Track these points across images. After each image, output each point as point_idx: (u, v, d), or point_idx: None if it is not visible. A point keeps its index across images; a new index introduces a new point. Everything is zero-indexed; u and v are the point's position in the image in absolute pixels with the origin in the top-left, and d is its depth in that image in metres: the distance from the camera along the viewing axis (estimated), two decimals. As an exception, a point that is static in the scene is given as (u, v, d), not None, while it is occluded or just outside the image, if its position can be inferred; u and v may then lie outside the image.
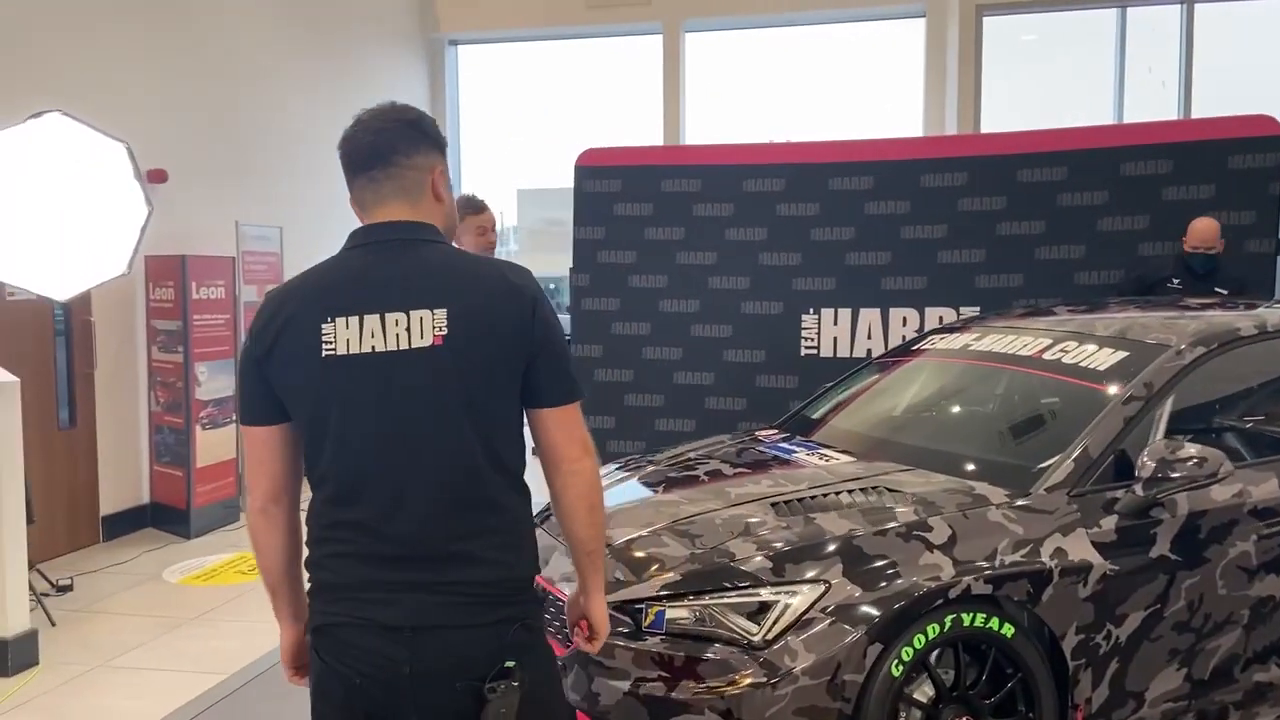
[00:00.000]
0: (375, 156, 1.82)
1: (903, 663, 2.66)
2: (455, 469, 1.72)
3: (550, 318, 1.78)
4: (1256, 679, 3.15)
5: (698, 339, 6.75)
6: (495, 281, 1.76)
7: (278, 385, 1.76)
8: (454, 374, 1.70)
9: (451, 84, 10.95)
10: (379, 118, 1.86)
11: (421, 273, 1.75)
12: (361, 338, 1.71)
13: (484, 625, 1.72)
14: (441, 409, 1.71)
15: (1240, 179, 5.77)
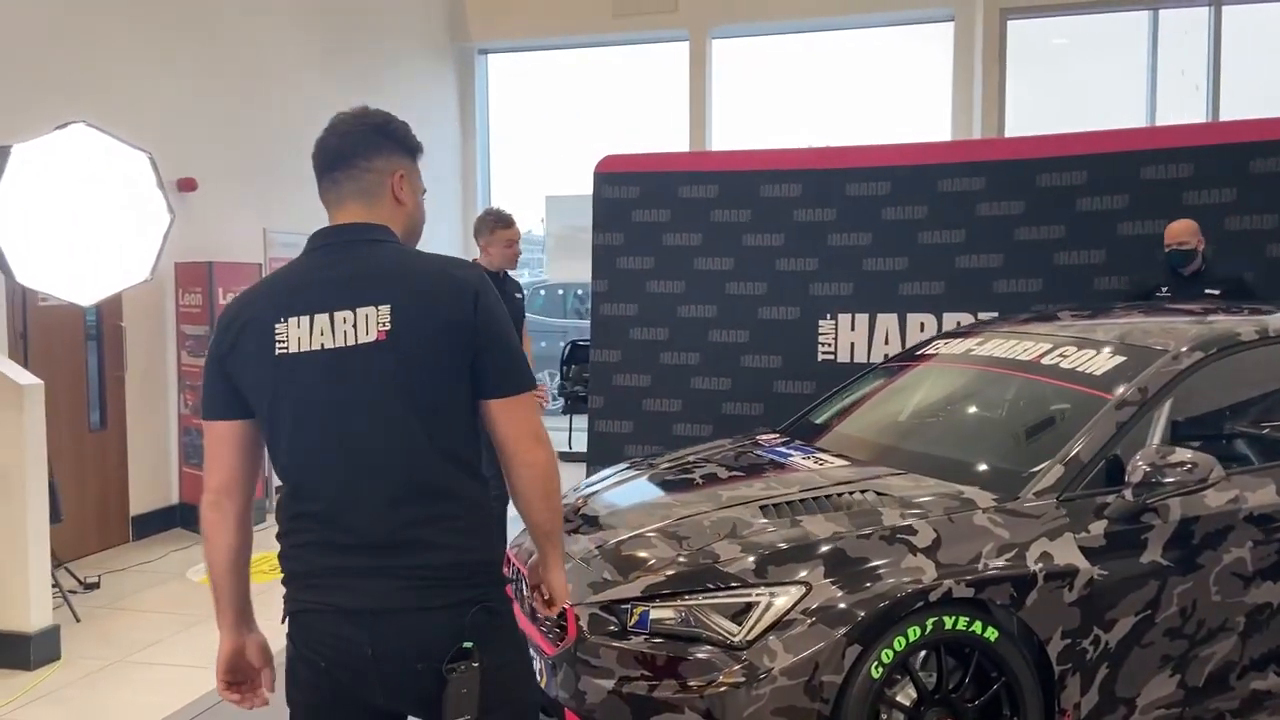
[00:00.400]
0: (338, 158, 1.91)
1: (882, 664, 2.67)
2: (403, 460, 1.78)
3: (494, 309, 1.82)
4: (1254, 687, 3.11)
5: (715, 344, 6.78)
6: (437, 276, 1.82)
7: (239, 383, 1.84)
8: (397, 368, 1.76)
9: (481, 92, 11.09)
10: (346, 121, 1.95)
11: (367, 272, 1.82)
12: (311, 336, 1.78)
13: (441, 608, 1.78)
14: (387, 403, 1.77)
15: (1261, 182, 5.69)
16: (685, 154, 8.00)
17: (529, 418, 1.85)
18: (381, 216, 1.91)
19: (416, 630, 1.77)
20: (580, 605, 2.94)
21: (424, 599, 1.77)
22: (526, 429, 1.84)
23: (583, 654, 2.88)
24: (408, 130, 2.00)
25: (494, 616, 1.83)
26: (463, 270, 1.86)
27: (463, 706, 1.76)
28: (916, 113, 10.12)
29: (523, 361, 1.87)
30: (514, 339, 1.88)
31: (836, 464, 3.51)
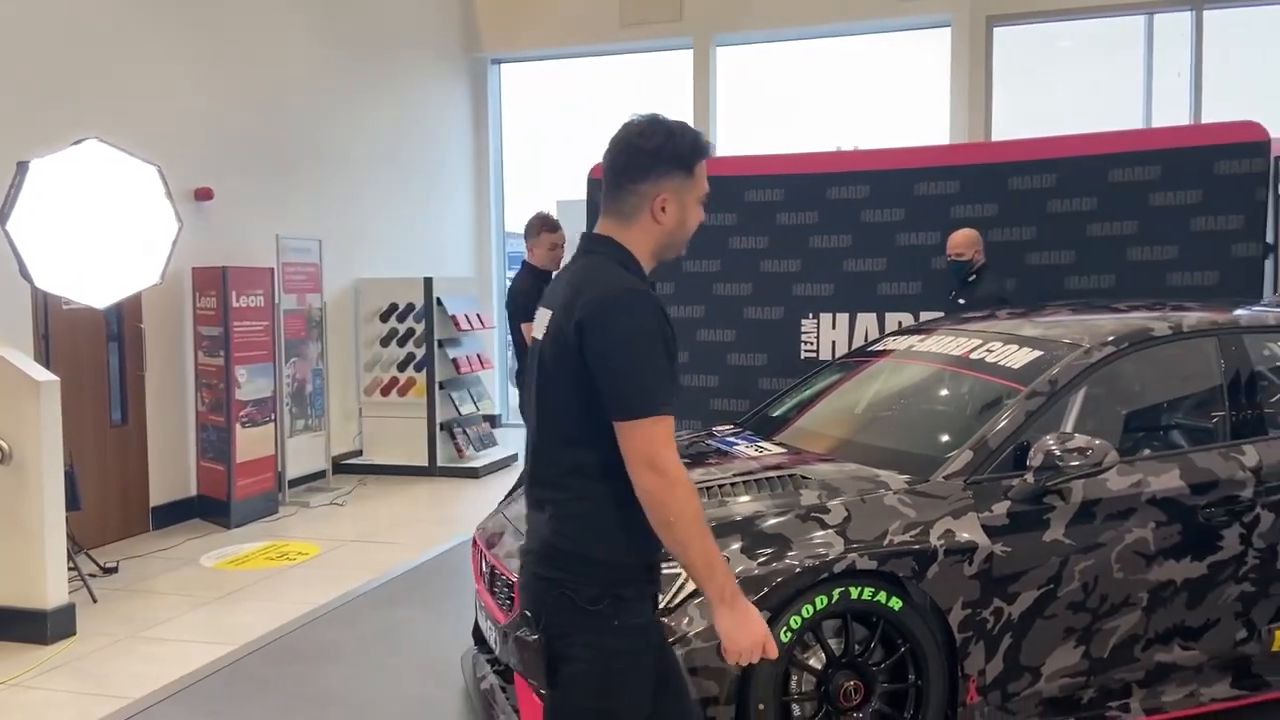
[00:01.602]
0: (610, 177, 2.07)
1: (791, 630, 2.93)
2: (536, 443, 2.06)
3: (614, 331, 1.88)
4: (1158, 659, 3.33)
5: (703, 343, 7.04)
6: (582, 290, 1.95)
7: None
8: (543, 367, 2.02)
9: (494, 101, 11.42)
10: (628, 138, 2.05)
11: (563, 279, 2.08)
12: (539, 324, 2.10)
13: (534, 575, 2.05)
14: (539, 394, 2.04)
15: (1227, 184, 5.85)
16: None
17: (640, 442, 1.87)
18: (630, 232, 2.04)
19: (523, 589, 2.10)
20: (527, 578, 3.23)
21: (532, 565, 2.06)
22: (638, 453, 1.87)
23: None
24: (689, 142, 2.05)
25: (575, 606, 1.95)
26: (608, 288, 1.92)
27: (527, 668, 2.04)
28: (919, 116, 10.30)
29: (636, 384, 1.87)
30: (631, 363, 1.89)
31: (774, 452, 3.77)
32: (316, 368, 8.02)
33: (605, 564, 1.96)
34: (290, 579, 5.69)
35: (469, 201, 11.20)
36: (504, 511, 3.86)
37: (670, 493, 1.87)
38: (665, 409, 1.88)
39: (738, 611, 1.94)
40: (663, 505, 1.88)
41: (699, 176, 2.08)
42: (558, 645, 1.97)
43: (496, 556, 3.48)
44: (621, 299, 1.91)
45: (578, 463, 1.96)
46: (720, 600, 1.94)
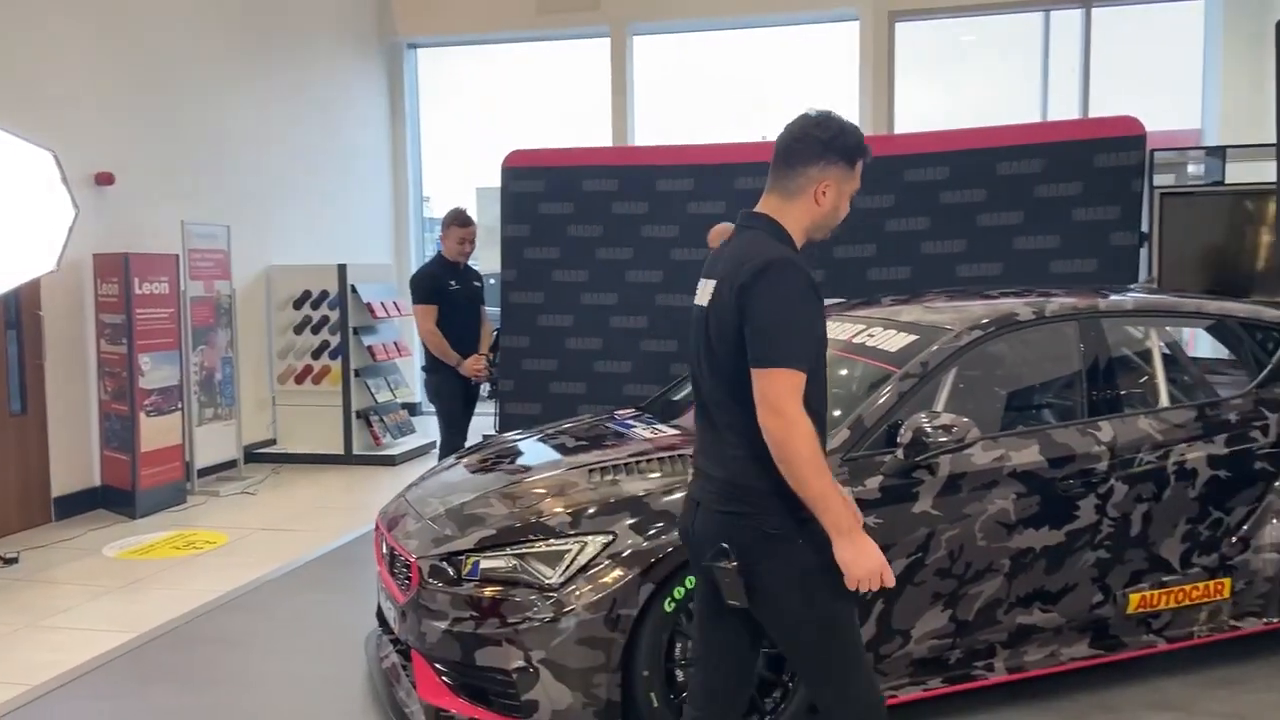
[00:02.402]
0: (783, 158, 2.35)
1: (675, 600, 3.08)
2: (709, 399, 2.35)
3: (763, 292, 2.18)
4: (1020, 621, 3.57)
5: (617, 330, 7.18)
6: (742, 261, 2.24)
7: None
8: (707, 329, 2.31)
9: (410, 86, 11.36)
10: (803, 127, 2.34)
11: (725, 253, 2.37)
12: (697, 294, 2.41)
13: (718, 512, 2.30)
14: (701, 352, 2.35)
15: (1105, 176, 6.18)
16: (587, 149, 8.38)
17: (770, 389, 2.16)
18: (790, 210, 2.34)
19: (704, 525, 2.35)
20: (423, 558, 3.33)
21: (713, 503, 2.32)
22: (768, 398, 2.16)
23: (424, 600, 3.27)
24: (855, 141, 2.35)
25: (766, 536, 2.23)
26: (753, 261, 2.21)
27: (730, 593, 2.25)
28: (831, 108, 10.54)
29: (772, 338, 2.17)
30: (774, 319, 2.19)
31: (669, 434, 3.92)
32: (226, 355, 7.95)
33: (782, 494, 2.21)
34: (196, 567, 5.68)
35: (386, 188, 11.14)
36: (405, 496, 3.94)
37: (788, 433, 2.15)
38: (795, 364, 2.17)
39: (856, 543, 2.19)
40: (782, 445, 2.16)
41: (856, 172, 2.39)
42: (755, 569, 2.23)
43: (396, 538, 3.57)
44: (774, 265, 2.20)
45: (747, 409, 2.21)
46: (839, 532, 2.18)
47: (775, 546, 2.23)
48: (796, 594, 2.24)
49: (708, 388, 2.35)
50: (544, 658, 3.03)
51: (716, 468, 2.33)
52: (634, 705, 3.07)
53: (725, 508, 2.28)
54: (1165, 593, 3.75)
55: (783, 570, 2.23)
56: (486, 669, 3.11)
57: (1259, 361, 4.20)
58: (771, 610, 2.26)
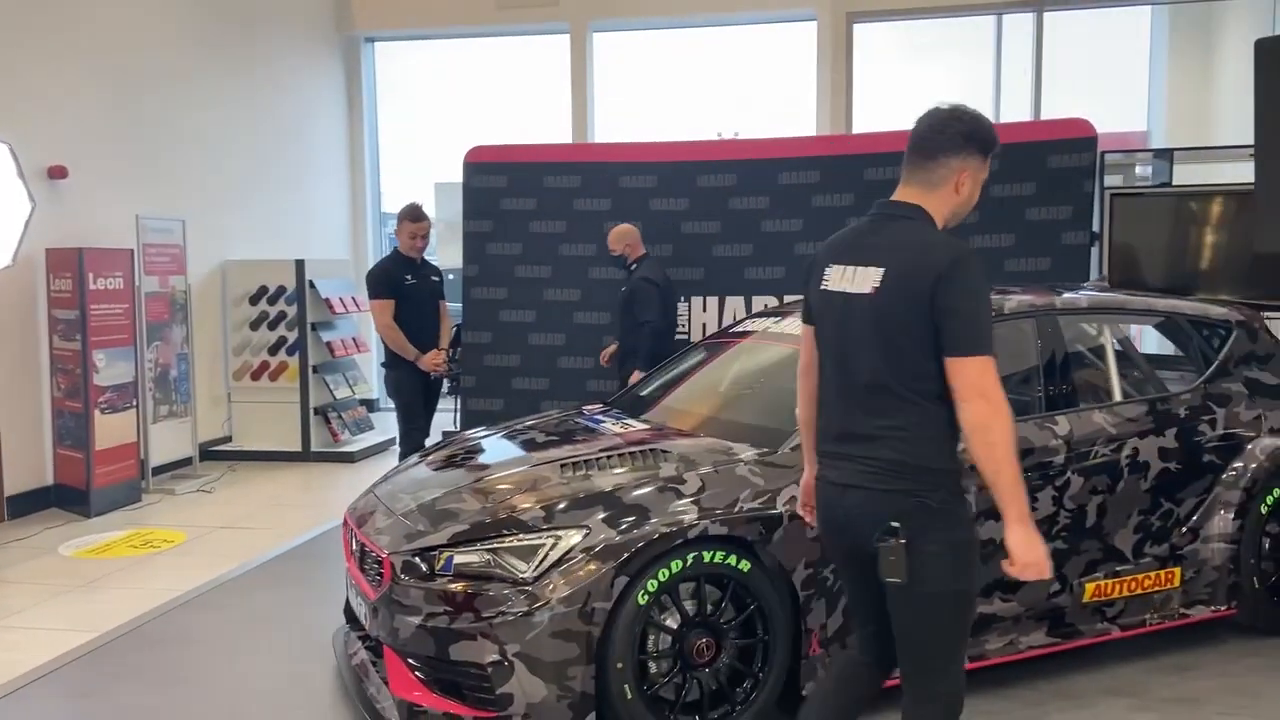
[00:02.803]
0: (923, 149, 2.44)
1: (649, 593, 3.13)
2: (870, 381, 2.38)
3: (964, 283, 2.26)
4: (981, 610, 3.65)
5: (580, 325, 7.22)
6: (921, 250, 2.33)
7: (809, 300, 2.60)
8: (877, 315, 2.35)
9: (369, 80, 11.26)
10: (942, 119, 2.43)
11: (882, 241, 2.41)
12: (840, 280, 2.45)
13: (883, 491, 2.35)
14: (866, 338, 2.38)
15: (1058, 177, 6.34)
16: (550, 145, 8.41)
17: (972, 375, 2.25)
18: (931, 199, 2.43)
19: (865, 504, 2.39)
20: (395, 554, 3.34)
21: (874, 482, 2.38)
22: (969, 383, 2.25)
23: (396, 596, 3.28)
24: (990, 132, 2.45)
25: (929, 509, 2.32)
26: (949, 251, 2.30)
27: (892, 570, 2.30)
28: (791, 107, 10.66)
29: (975, 328, 2.26)
30: (972, 310, 2.27)
31: (638, 428, 3.96)
32: (181, 352, 7.84)
33: (946, 471, 2.35)
34: (155, 566, 5.60)
35: (343, 183, 11.04)
36: (375, 491, 3.94)
37: (995, 418, 2.24)
38: (991, 350, 2.28)
39: (1029, 531, 2.27)
40: (988, 429, 2.24)
41: (988, 164, 2.51)
42: (919, 543, 2.30)
43: (367, 534, 3.57)
44: (967, 255, 2.31)
45: (921, 392, 2.33)
46: (1020, 520, 2.27)
47: (937, 520, 2.32)
48: (948, 566, 2.33)
49: (867, 372, 2.39)
50: (519, 651, 3.06)
51: (875, 449, 2.38)
52: (607, 697, 3.11)
53: (891, 486, 2.35)
54: (1119, 582, 3.88)
55: (940, 543, 2.32)
56: (461, 663, 3.13)
57: (1206, 357, 4.35)
58: (918, 583, 2.32)
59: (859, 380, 2.41)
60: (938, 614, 2.36)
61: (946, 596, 2.35)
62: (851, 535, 2.45)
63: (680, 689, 3.21)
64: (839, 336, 2.45)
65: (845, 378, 2.45)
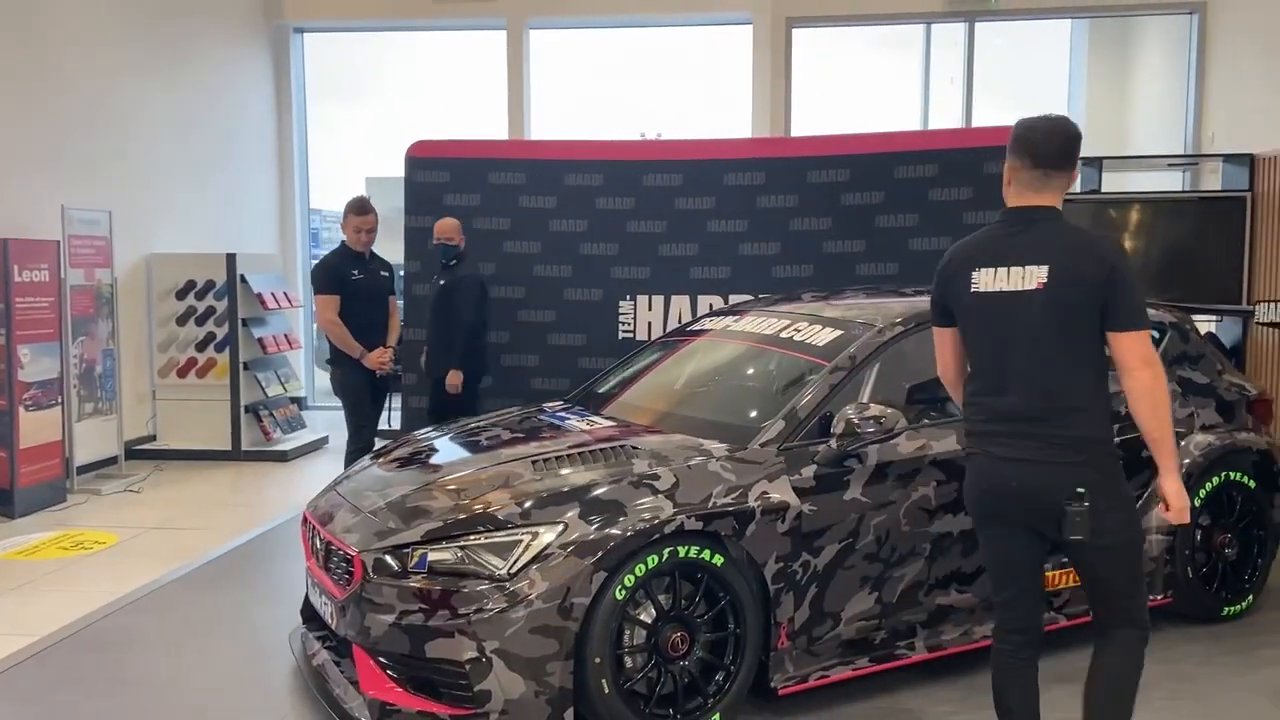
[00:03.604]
0: (1060, 158, 2.69)
1: (625, 588, 3.15)
2: (1044, 368, 2.66)
3: (1128, 270, 2.61)
4: (939, 602, 3.78)
5: (524, 323, 7.18)
6: (1085, 249, 2.63)
7: (950, 305, 2.82)
8: (1046, 308, 2.63)
9: (297, 71, 11.01)
10: (1064, 130, 2.71)
11: (1032, 242, 2.67)
12: (994, 282, 2.69)
13: (1066, 464, 2.64)
14: (1037, 327, 2.65)
15: (992, 182, 6.47)
16: (495, 141, 8.36)
17: (1144, 347, 2.61)
18: (1058, 201, 2.72)
19: (1047, 476, 2.66)
20: (366, 552, 3.30)
21: (1055, 455, 2.65)
22: (1137, 356, 2.60)
23: (368, 594, 3.24)
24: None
25: (1102, 474, 2.66)
26: (1105, 249, 2.63)
27: (1079, 530, 2.61)
28: (726, 108, 10.78)
29: (1139, 305, 2.60)
30: (1137, 290, 2.61)
31: (605, 425, 3.98)
32: (107, 348, 7.57)
33: (1111, 440, 2.71)
34: (89, 568, 5.41)
35: (272, 176, 10.77)
36: (337, 489, 3.88)
37: (1159, 382, 2.60)
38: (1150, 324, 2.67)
39: (1179, 480, 2.67)
40: (1154, 390, 2.59)
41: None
42: (1098, 504, 2.62)
43: (333, 532, 3.52)
44: (1121, 246, 2.70)
45: (1094, 372, 2.67)
46: (1172, 470, 2.66)
47: (1109, 483, 2.67)
48: (1123, 517, 2.70)
49: (1041, 361, 2.66)
50: (497, 648, 3.05)
51: (1056, 426, 2.65)
52: (585, 692, 3.13)
53: (1072, 459, 2.64)
54: (1065, 572, 4.03)
55: (1114, 500, 2.67)
56: (437, 661, 3.11)
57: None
58: (1101, 535, 2.64)
59: (1033, 366, 2.68)
60: (1121, 559, 2.71)
61: (1126, 543, 2.71)
62: (1025, 504, 2.71)
63: (654, 683, 3.24)
64: (1004, 330, 2.70)
65: (1016, 365, 2.70)
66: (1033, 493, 2.69)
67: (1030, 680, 2.87)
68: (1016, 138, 2.75)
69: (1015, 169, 2.76)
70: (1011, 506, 2.75)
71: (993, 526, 2.83)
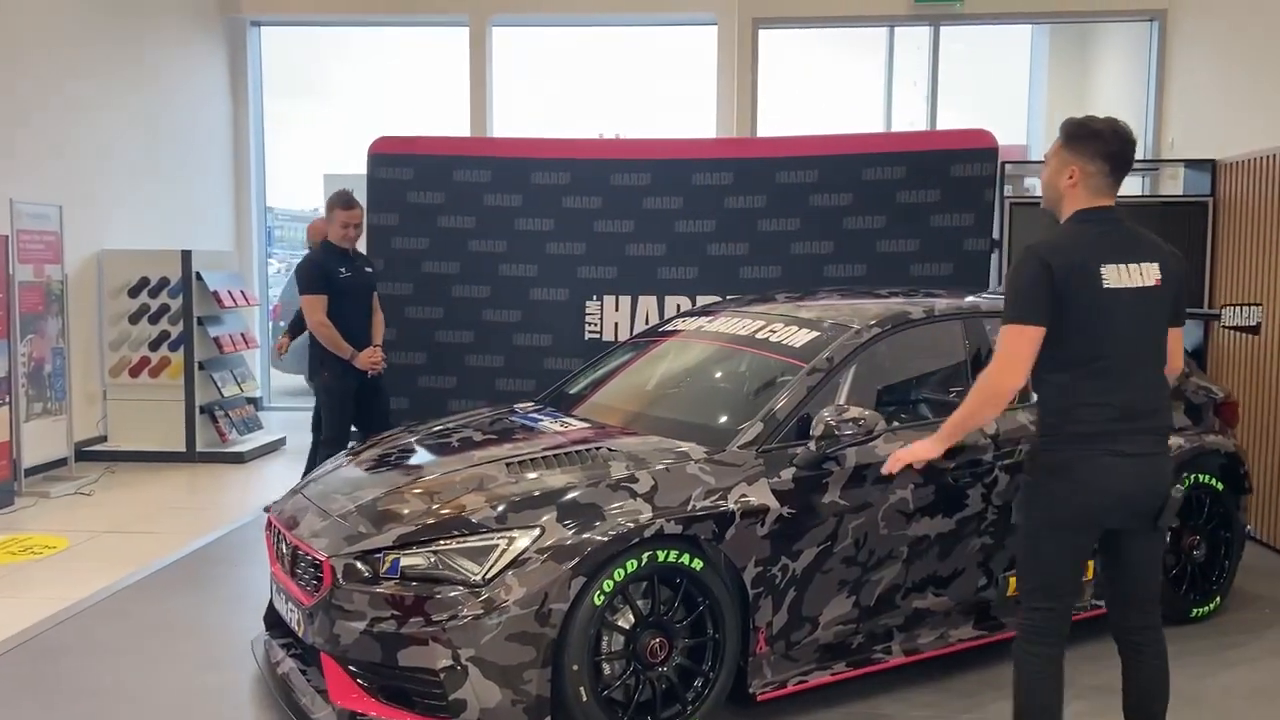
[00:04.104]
0: (1126, 165, 2.80)
1: (604, 593, 3.09)
2: (1151, 363, 2.80)
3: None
4: (915, 605, 3.76)
5: (489, 323, 7.08)
6: (1165, 248, 2.82)
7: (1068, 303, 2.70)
8: (1160, 305, 2.78)
9: (254, 66, 10.78)
10: (1132, 137, 2.81)
11: (1134, 240, 2.78)
12: (1123, 278, 2.72)
13: (1166, 454, 2.83)
14: (1153, 323, 2.79)
15: (961, 185, 6.57)
16: (459, 139, 8.23)
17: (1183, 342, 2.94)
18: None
19: (1159, 469, 2.79)
20: (336, 557, 3.20)
21: (1161, 448, 2.81)
22: (1182, 347, 2.95)
23: (337, 601, 3.14)
24: None
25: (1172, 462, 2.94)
26: (1171, 247, 2.83)
27: (1172, 517, 2.81)
28: (690, 109, 10.75)
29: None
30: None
31: (579, 427, 3.91)
32: (57, 346, 7.34)
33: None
34: (39, 573, 5.23)
35: (227, 172, 10.54)
36: (303, 492, 3.77)
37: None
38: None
39: None
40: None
41: None
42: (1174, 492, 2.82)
43: (300, 537, 3.41)
44: None
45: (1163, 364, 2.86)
46: None
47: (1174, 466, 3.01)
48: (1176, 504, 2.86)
49: (1152, 353, 2.81)
50: (473, 655, 2.97)
51: (1160, 418, 2.81)
52: (562, 700, 3.06)
53: (1167, 448, 2.85)
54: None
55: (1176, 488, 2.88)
56: (410, 669, 3.02)
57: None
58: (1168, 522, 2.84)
59: (1146, 361, 2.80)
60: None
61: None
62: (1139, 501, 2.77)
63: (632, 690, 3.18)
64: (1133, 327, 2.75)
65: (1141, 359, 2.79)
66: (1153, 488, 2.78)
67: (1061, 677, 2.91)
68: (1093, 141, 2.75)
69: (1089, 173, 2.75)
70: (1122, 507, 2.78)
71: (1084, 534, 2.82)
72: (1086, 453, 2.71)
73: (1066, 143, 2.78)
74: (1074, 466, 2.72)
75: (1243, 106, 7.13)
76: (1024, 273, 2.72)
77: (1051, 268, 2.68)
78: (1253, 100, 6.96)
